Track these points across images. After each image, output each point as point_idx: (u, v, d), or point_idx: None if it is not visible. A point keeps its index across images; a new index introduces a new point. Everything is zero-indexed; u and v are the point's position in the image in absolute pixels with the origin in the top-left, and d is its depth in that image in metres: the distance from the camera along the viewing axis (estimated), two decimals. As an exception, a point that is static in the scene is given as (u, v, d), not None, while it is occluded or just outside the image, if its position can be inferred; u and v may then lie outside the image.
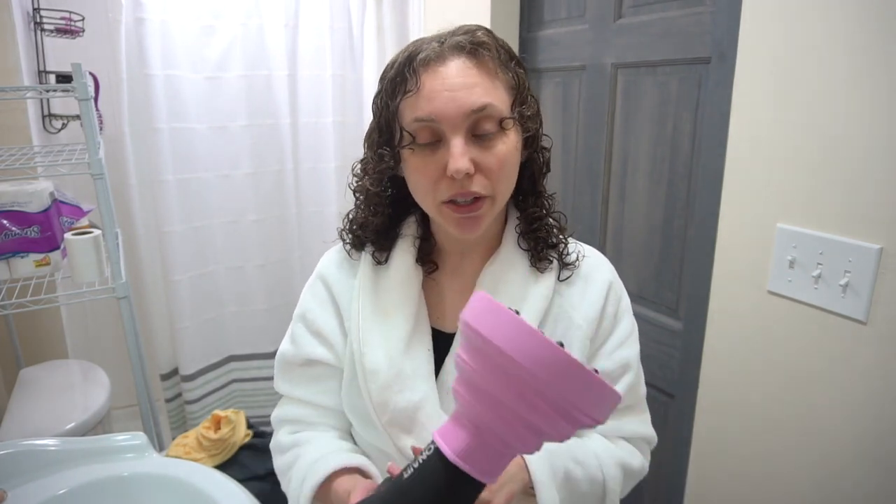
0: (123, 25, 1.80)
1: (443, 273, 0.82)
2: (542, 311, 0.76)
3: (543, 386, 0.47)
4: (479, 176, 0.69)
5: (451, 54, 0.68)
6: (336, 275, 0.83)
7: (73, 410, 1.50)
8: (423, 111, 0.68)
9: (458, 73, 0.68)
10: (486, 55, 0.69)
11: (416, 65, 0.68)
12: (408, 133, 0.69)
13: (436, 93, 0.67)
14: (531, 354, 0.47)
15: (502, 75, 0.70)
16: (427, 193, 0.72)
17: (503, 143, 0.69)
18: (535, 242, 0.78)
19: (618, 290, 0.82)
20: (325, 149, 2.17)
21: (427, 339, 0.78)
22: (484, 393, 0.50)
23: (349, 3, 2.09)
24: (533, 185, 0.79)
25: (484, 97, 0.67)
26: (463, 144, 0.67)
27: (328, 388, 0.82)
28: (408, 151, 0.71)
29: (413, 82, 0.68)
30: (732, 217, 1.09)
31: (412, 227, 0.81)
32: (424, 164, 0.70)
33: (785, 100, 0.97)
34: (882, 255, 0.87)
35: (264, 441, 1.61)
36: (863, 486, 0.93)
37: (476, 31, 0.71)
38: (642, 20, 1.33)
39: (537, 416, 0.49)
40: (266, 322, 2.21)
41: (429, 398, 0.74)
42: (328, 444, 0.80)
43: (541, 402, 0.48)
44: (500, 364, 0.48)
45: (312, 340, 0.82)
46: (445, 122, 0.67)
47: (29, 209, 1.49)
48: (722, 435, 1.17)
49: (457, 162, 0.66)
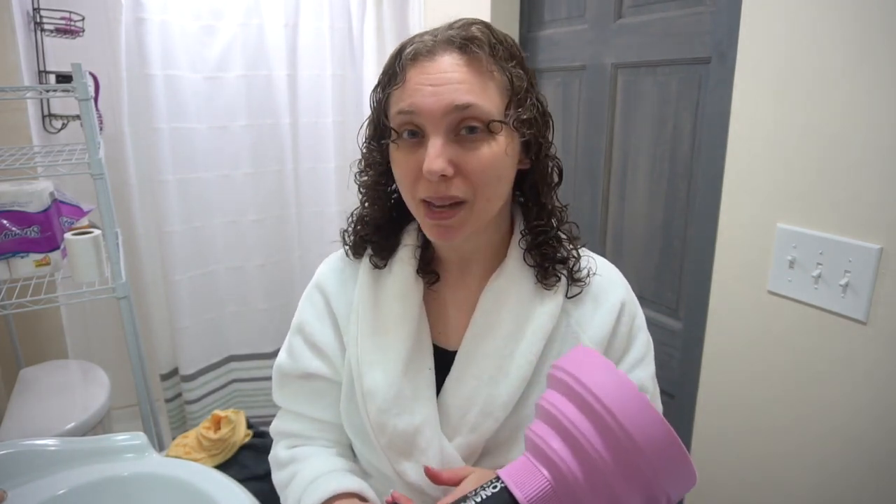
0: (123, 25, 1.81)
1: (445, 285, 0.78)
2: (548, 332, 0.72)
3: (649, 469, 0.46)
4: (459, 179, 0.65)
5: (441, 49, 0.65)
6: (334, 285, 0.81)
7: (73, 410, 1.50)
8: (404, 104, 0.65)
9: (445, 68, 0.64)
10: (477, 52, 0.65)
11: (405, 58, 0.66)
12: (391, 127, 0.67)
13: (419, 86, 0.64)
14: (651, 437, 0.46)
15: (497, 75, 0.66)
16: (407, 190, 0.69)
17: (489, 146, 0.65)
18: (542, 258, 0.74)
19: (632, 309, 0.78)
20: (325, 149, 2.17)
21: (428, 358, 0.75)
22: (586, 457, 0.48)
23: (349, 3, 2.09)
24: (536, 197, 0.74)
25: (467, 95, 0.63)
26: (441, 144, 0.63)
27: (327, 403, 0.79)
28: (393, 146, 0.69)
29: (401, 75, 0.66)
30: (732, 217, 1.09)
31: (413, 235, 0.78)
32: (405, 160, 0.67)
33: (785, 100, 0.97)
34: (882, 255, 0.87)
35: (264, 441, 1.61)
36: (863, 487, 0.93)
37: (471, 25, 0.67)
38: (642, 20, 1.33)
39: (626, 491, 0.48)
40: (266, 322, 2.21)
41: (429, 421, 0.71)
42: (325, 462, 0.77)
43: (638, 480, 0.47)
44: (617, 439, 0.47)
45: (310, 354, 0.79)
46: (425, 117, 0.64)
47: (29, 209, 1.49)
48: (722, 435, 1.17)
49: (431, 162, 0.63)
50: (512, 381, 0.71)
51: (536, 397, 0.72)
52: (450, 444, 0.72)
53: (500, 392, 0.71)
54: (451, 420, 0.73)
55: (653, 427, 0.46)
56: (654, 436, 0.46)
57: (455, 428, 0.73)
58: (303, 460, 0.78)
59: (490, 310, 0.74)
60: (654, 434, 0.46)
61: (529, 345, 0.72)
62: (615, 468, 0.47)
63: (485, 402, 0.71)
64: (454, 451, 0.72)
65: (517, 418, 0.72)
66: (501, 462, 0.73)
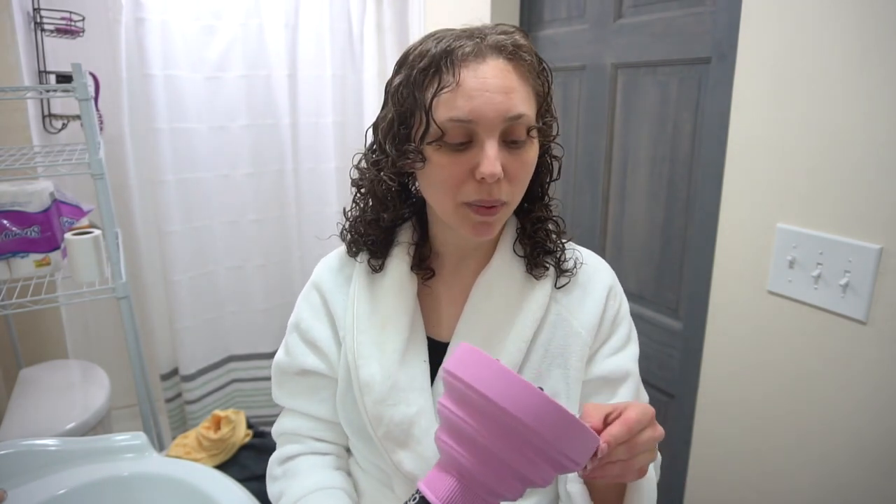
0: (123, 25, 1.81)
1: (439, 280, 0.80)
2: (538, 320, 0.74)
3: (533, 435, 0.49)
4: (505, 182, 0.67)
5: (491, 54, 0.66)
6: (331, 283, 0.82)
7: (73, 410, 1.50)
8: (460, 110, 0.64)
9: (497, 73, 0.65)
10: (524, 59, 0.67)
11: (456, 58, 0.65)
12: (438, 129, 0.66)
13: (476, 92, 0.64)
14: (523, 404, 0.49)
15: (533, 82, 0.69)
16: (447, 193, 0.68)
17: (528, 151, 0.68)
18: (532, 248, 0.77)
19: (618, 294, 0.81)
20: (325, 149, 2.18)
21: (423, 350, 0.76)
22: (473, 442, 0.52)
23: (349, 4, 2.10)
24: (541, 191, 0.78)
25: (521, 105, 0.66)
26: (497, 149, 0.65)
27: (324, 399, 0.81)
28: (433, 148, 0.67)
29: (450, 77, 0.65)
30: (732, 217, 1.09)
31: (408, 233, 0.80)
32: (451, 164, 0.67)
33: (785, 100, 0.97)
34: (882, 255, 0.87)
35: (264, 441, 1.61)
36: (862, 485, 0.93)
37: (514, 32, 0.68)
38: (642, 20, 1.33)
39: (525, 464, 0.50)
40: (266, 322, 2.21)
41: (424, 411, 0.73)
42: (312, 480, 0.78)
43: (529, 450, 0.50)
44: (491, 415, 0.50)
45: (306, 350, 0.81)
46: (482, 123, 0.65)
47: (29, 209, 1.49)
48: (722, 435, 1.17)
49: (492, 166, 0.64)
50: None
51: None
52: None
53: None
54: None
55: (529, 399, 0.49)
56: (530, 405, 0.49)
57: None
58: (292, 477, 0.80)
59: (481, 300, 0.76)
60: (530, 403, 0.49)
61: (519, 332, 0.74)
62: (501, 443, 0.50)
63: None
64: None
65: None
66: None
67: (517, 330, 0.74)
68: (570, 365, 0.75)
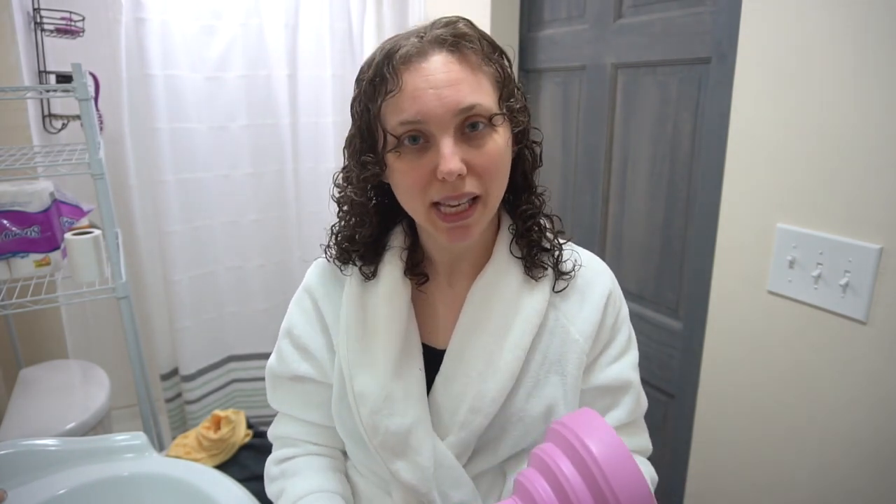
0: (123, 25, 1.81)
1: (433, 285, 0.78)
2: (535, 325, 0.73)
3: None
4: (471, 176, 0.65)
5: (432, 49, 0.64)
6: (323, 288, 0.80)
7: (72, 410, 1.50)
8: (408, 113, 0.63)
9: (440, 68, 0.63)
10: (468, 48, 0.65)
11: (396, 62, 0.64)
12: (392, 136, 0.65)
13: (420, 91, 0.63)
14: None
15: (486, 68, 0.66)
16: (415, 198, 0.67)
17: (493, 140, 0.66)
18: (529, 248, 0.75)
19: (617, 300, 0.79)
20: (325, 149, 2.17)
21: (418, 358, 0.74)
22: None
23: (349, 3, 2.09)
24: (525, 181, 0.75)
25: (471, 96, 0.63)
26: (453, 144, 0.63)
27: (318, 404, 0.80)
28: (393, 156, 0.66)
29: (394, 81, 0.64)
30: (732, 217, 1.09)
31: (399, 237, 0.78)
32: (412, 168, 0.65)
33: (785, 100, 0.97)
34: (882, 255, 0.87)
35: (264, 441, 1.60)
36: (862, 486, 0.93)
37: (457, 22, 0.66)
38: (642, 20, 1.33)
39: None
40: (266, 322, 2.21)
41: (420, 421, 0.72)
42: (311, 483, 0.77)
43: None
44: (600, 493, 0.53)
45: (298, 357, 0.80)
46: (433, 122, 0.63)
47: (29, 209, 1.49)
48: (722, 434, 1.17)
49: (448, 163, 0.62)
50: (501, 376, 0.72)
51: (524, 392, 0.73)
52: (442, 443, 0.72)
53: (489, 388, 0.71)
54: (443, 419, 0.73)
55: (640, 494, 0.52)
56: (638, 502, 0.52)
57: (447, 426, 0.73)
58: (291, 477, 0.79)
59: (478, 306, 0.74)
60: (639, 501, 0.52)
61: (517, 339, 0.72)
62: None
63: (474, 398, 0.72)
64: (447, 449, 0.72)
65: (506, 414, 0.73)
66: (492, 460, 0.74)
67: (515, 337, 0.72)
68: (567, 372, 0.74)
